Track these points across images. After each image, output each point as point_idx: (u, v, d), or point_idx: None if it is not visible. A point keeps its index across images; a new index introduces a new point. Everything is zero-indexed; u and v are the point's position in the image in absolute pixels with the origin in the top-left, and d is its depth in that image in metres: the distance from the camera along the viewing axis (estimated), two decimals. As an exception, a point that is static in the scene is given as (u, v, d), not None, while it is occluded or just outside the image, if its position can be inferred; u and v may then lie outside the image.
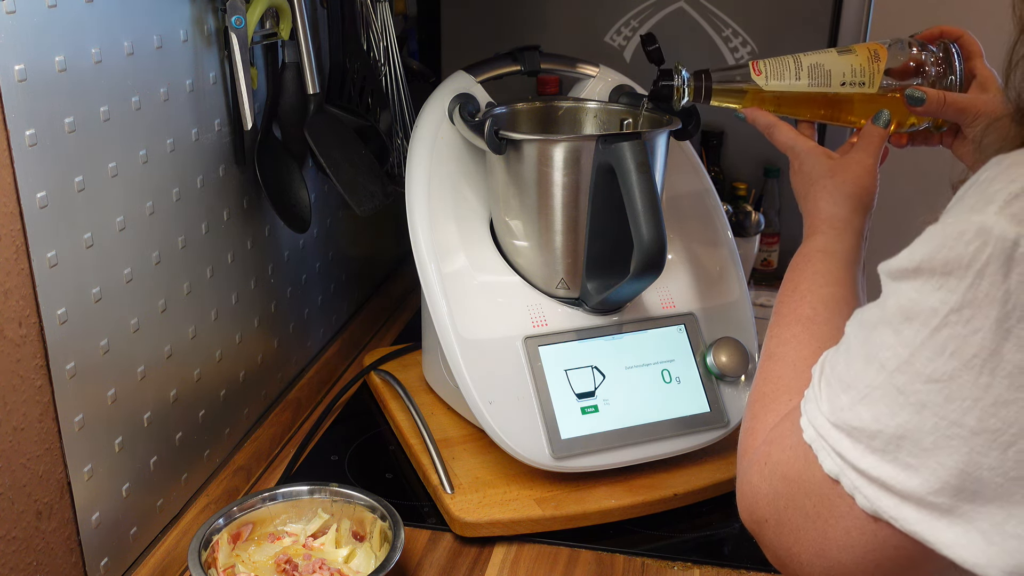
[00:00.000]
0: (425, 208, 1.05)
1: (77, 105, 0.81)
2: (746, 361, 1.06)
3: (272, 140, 1.12)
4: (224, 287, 1.08)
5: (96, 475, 0.87)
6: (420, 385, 1.23)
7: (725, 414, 1.05)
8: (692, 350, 1.07)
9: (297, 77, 1.12)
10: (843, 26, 1.54)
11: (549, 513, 0.99)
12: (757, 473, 0.62)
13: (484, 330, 1.02)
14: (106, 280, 0.86)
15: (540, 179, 1.00)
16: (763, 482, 0.61)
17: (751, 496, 0.63)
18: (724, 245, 1.13)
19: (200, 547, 0.89)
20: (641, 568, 0.97)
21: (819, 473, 0.56)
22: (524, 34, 1.62)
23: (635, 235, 0.93)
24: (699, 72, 0.94)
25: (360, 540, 0.96)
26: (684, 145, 1.15)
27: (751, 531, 0.64)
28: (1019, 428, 0.48)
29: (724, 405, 1.06)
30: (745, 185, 1.62)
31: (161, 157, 0.93)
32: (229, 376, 1.10)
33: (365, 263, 1.52)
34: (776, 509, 0.60)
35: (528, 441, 0.99)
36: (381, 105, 1.29)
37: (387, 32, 1.29)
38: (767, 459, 0.62)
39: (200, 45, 0.99)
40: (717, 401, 1.05)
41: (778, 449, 0.61)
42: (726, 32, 1.57)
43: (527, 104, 1.13)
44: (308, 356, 1.33)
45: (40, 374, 0.79)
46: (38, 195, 0.77)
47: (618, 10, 1.59)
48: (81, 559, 0.86)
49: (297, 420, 1.25)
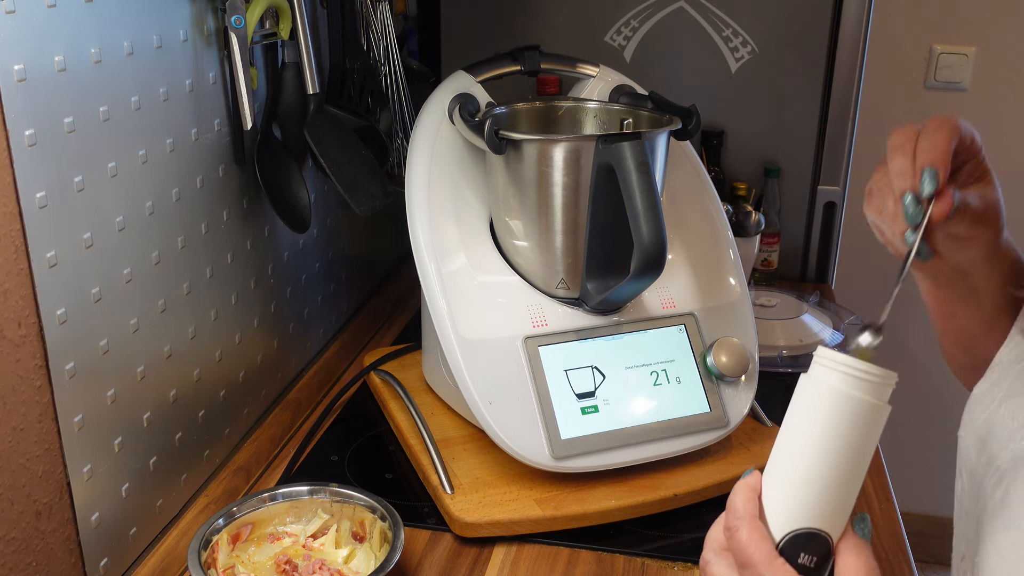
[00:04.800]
0: (425, 208, 1.05)
1: (77, 105, 0.80)
2: (746, 361, 1.06)
3: (272, 140, 1.12)
4: (224, 287, 1.07)
5: (95, 475, 0.87)
6: (420, 385, 1.23)
7: (725, 414, 1.05)
8: (692, 350, 1.07)
9: (297, 77, 1.12)
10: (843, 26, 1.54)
11: (549, 513, 0.99)
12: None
13: (484, 330, 1.02)
14: (106, 280, 0.86)
15: (540, 179, 1.00)
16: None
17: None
18: (724, 245, 1.13)
19: (200, 547, 0.88)
20: (641, 568, 0.97)
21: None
22: (524, 34, 1.62)
23: (635, 235, 0.93)
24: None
25: (360, 540, 0.96)
26: (684, 145, 1.15)
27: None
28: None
29: (724, 405, 1.06)
30: (745, 185, 1.62)
31: (161, 157, 0.93)
32: (229, 376, 1.10)
33: (365, 263, 1.52)
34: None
35: (528, 441, 0.99)
36: (381, 105, 1.29)
37: (387, 32, 1.29)
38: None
39: (200, 45, 0.99)
40: (717, 401, 1.05)
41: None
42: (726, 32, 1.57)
43: (527, 104, 1.13)
44: (308, 356, 1.33)
45: (39, 374, 0.79)
46: (38, 195, 0.76)
47: (618, 10, 1.59)
48: (81, 559, 0.86)
49: (297, 420, 1.25)
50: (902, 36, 2.19)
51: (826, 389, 0.60)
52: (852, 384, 0.59)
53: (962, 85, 2.19)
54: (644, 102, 1.11)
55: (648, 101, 1.11)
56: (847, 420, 0.59)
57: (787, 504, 0.60)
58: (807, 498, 0.60)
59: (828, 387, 0.60)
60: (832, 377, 0.60)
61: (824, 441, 0.59)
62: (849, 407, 0.59)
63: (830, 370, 0.60)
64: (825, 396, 0.60)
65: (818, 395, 0.60)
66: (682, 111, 1.04)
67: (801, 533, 0.59)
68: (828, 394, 0.59)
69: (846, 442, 0.59)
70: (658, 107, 1.08)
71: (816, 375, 0.61)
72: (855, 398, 0.59)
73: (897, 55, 2.20)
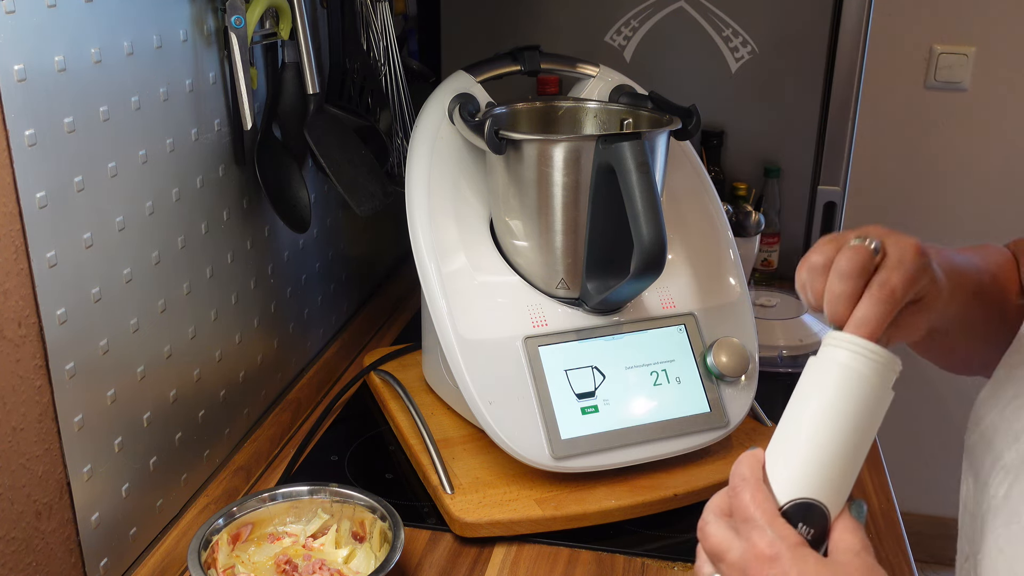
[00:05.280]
0: (425, 208, 1.05)
1: (77, 105, 0.80)
2: (746, 361, 1.06)
3: (272, 140, 1.12)
4: (224, 287, 1.07)
5: (96, 475, 0.87)
6: (420, 385, 1.22)
7: (725, 414, 1.05)
8: (692, 350, 1.07)
9: (297, 77, 1.12)
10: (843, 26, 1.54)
11: (549, 513, 0.99)
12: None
13: (484, 330, 1.02)
14: (106, 280, 0.86)
15: (540, 179, 1.00)
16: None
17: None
18: (724, 245, 1.13)
19: (200, 547, 0.88)
20: (641, 568, 0.97)
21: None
22: (524, 34, 1.62)
23: (635, 235, 0.93)
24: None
25: (360, 540, 0.96)
26: (684, 145, 1.15)
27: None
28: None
29: (724, 405, 1.06)
30: (745, 185, 1.62)
31: (161, 157, 0.93)
32: (229, 376, 1.10)
33: (365, 263, 1.52)
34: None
35: (528, 441, 0.99)
36: (381, 105, 1.29)
37: (387, 32, 1.29)
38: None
39: (200, 45, 0.99)
40: (717, 401, 1.05)
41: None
42: (726, 32, 1.57)
43: (527, 104, 1.13)
44: (308, 356, 1.33)
45: (39, 374, 0.79)
46: (38, 195, 0.76)
47: (618, 10, 1.59)
48: (80, 559, 0.86)
49: (297, 420, 1.25)
50: (902, 36, 2.19)
51: (835, 364, 0.63)
52: (861, 362, 0.62)
53: (962, 85, 2.19)
54: (644, 102, 1.11)
55: (648, 101, 1.11)
56: (854, 394, 0.62)
57: (790, 473, 0.62)
58: (810, 469, 0.62)
59: (837, 362, 0.62)
60: (842, 354, 0.62)
61: (830, 413, 0.62)
62: (857, 382, 0.62)
63: (840, 348, 0.63)
64: (834, 370, 0.63)
65: (828, 371, 0.63)
66: (682, 111, 1.04)
67: (802, 502, 0.61)
68: (837, 369, 0.62)
69: (851, 417, 0.62)
70: (658, 107, 1.08)
71: (826, 353, 0.64)
72: (863, 375, 0.62)
73: (897, 55, 2.20)
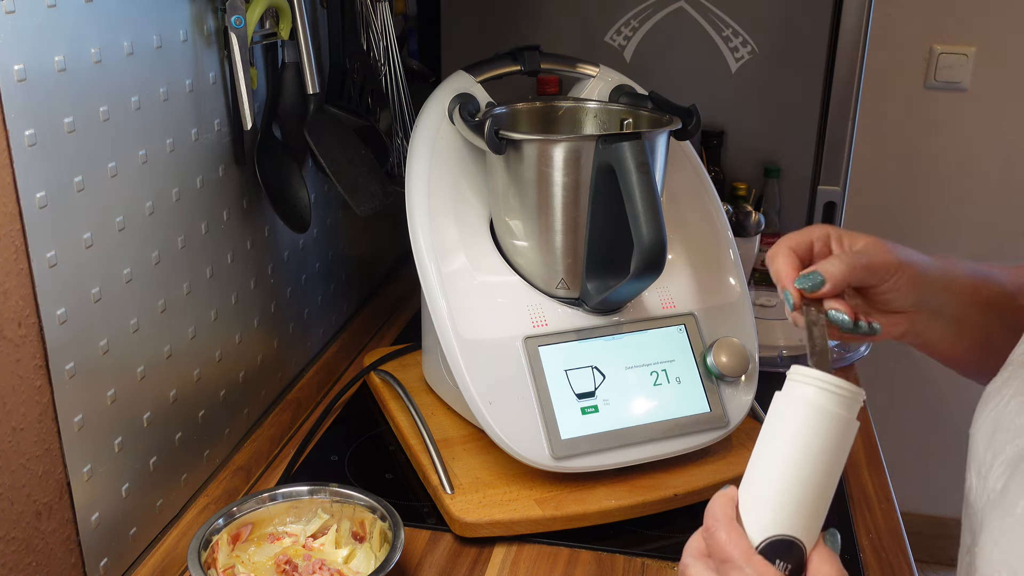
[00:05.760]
0: (425, 208, 1.05)
1: (77, 105, 0.80)
2: (746, 361, 1.06)
3: (272, 140, 1.12)
4: (224, 287, 1.07)
5: (96, 475, 0.87)
6: (420, 385, 1.22)
7: (725, 414, 1.05)
8: (692, 350, 1.07)
9: (297, 77, 1.12)
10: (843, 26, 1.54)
11: (549, 513, 0.99)
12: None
13: (484, 330, 1.02)
14: (106, 280, 0.86)
15: (540, 179, 1.00)
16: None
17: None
18: (724, 245, 1.13)
19: (200, 547, 0.88)
20: (641, 568, 0.97)
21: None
22: (524, 34, 1.62)
23: (635, 235, 0.93)
24: None
25: (360, 540, 0.96)
26: (684, 145, 1.15)
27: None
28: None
29: (724, 405, 1.05)
30: (745, 185, 1.62)
31: (161, 157, 0.93)
32: (229, 376, 1.10)
33: (365, 263, 1.52)
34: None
35: (528, 441, 0.99)
36: (381, 105, 1.29)
37: (387, 32, 1.29)
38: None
39: (200, 45, 0.99)
40: (717, 401, 1.05)
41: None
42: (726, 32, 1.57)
43: (527, 104, 1.13)
44: (308, 356, 1.33)
45: (39, 374, 0.79)
46: (37, 195, 0.76)
47: (618, 10, 1.59)
48: (80, 559, 0.86)
49: (297, 420, 1.25)
50: (902, 36, 2.19)
51: (802, 403, 0.64)
52: (827, 398, 0.63)
53: (962, 85, 2.19)
54: (644, 102, 1.11)
55: (648, 101, 1.11)
56: (822, 431, 0.63)
57: (763, 512, 0.63)
58: (783, 506, 0.63)
59: (805, 400, 0.64)
60: (808, 391, 0.64)
61: (799, 450, 0.63)
62: (824, 418, 0.63)
63: (804, 384, 0.64)
64: (801, 408, 0.64)
65: (795, 409, 0.64)
66: (682, 111, 1.04)
67: (777, 540, 0.62)
68: (804, 407, 0.64)
69: (821, 452, 0.63)
70: (658, 107, 1.08)
71: (791, 390, 0.65)
72: (829, 411, 0.63)
73: (897, 55, 2.20)
